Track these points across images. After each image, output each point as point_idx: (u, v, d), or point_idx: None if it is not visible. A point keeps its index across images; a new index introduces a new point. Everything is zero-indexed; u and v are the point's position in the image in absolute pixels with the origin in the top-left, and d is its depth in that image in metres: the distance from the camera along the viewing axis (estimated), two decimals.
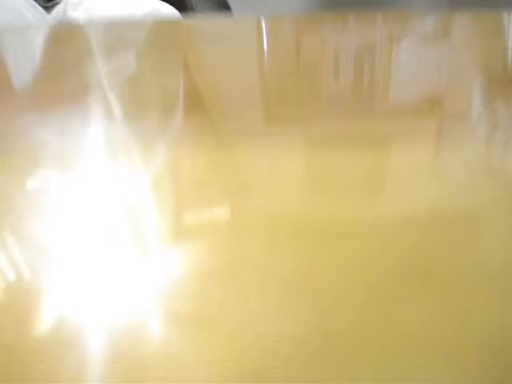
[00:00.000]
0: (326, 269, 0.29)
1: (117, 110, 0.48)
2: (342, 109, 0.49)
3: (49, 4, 0.96)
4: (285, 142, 0.43)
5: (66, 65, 0.59)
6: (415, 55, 0.62)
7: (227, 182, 0.38)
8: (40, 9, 0.94)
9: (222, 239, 0.32)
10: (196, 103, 0.52)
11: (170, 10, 0.90)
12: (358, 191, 0.37)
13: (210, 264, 0.30)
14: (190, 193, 0.38)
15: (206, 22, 0.76)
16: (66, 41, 0.69)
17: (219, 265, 0.30)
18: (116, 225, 0.34)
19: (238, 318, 0.26)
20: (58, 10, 0.95)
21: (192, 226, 0.34)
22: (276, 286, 0.28)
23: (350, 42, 0.67)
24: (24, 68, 0.60)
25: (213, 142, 0.43)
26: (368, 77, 0.58)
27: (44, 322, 0.27)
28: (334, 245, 0.31)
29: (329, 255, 0.30)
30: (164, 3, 0.92)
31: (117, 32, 0.70)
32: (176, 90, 0.54)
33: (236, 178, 0.39)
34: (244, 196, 0.37)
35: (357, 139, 0.43)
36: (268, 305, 0.27)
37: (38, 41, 0.70)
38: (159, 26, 0.80)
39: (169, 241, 0.33)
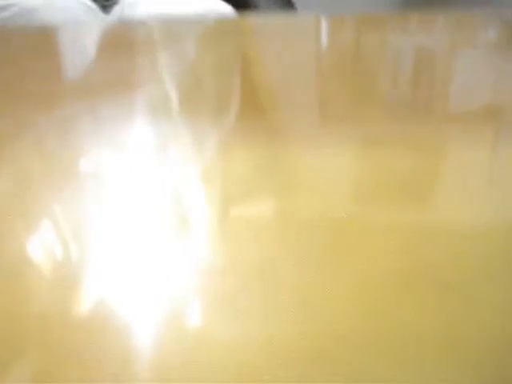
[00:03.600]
0: (368, 271, 0.29)
1: (173, 104, 0.50)
2: (398, 111, 0.48)
3: (107, 3, 0.96)
4: (338, 143, 0.43)
5: (123, 61, 0.60)
6: (481, 60, 0.60)
7: (276, 180, 0.39)
8: (95, 9, 0.94)
9: (263, 236, 0.33)
10: (252, 100, 0.52)
11: (227, 9, 0.88)
12: (408, 196, 0.36)
13: (250, 259, 0.30)
14: (237, 188, 0.38)
15: (264, 20, 0.76)
16: (123, 38, 0.70)
17: (259, 261, 0.30)
18: (163, 216, 0.35)
19: (275, 317, 0.26)
20: (115, 10, 0.94)
21: (235, 221, 0.35)
22: (311, 285, 0.28)
23: (411, 44, 0.66)
24: (83, 63, 0.61)
25: (266, 139, 0.44)
26: (427, 80, 0.56)
27: (89, 307, 0.28)
28: (377, 248, 0.31)
29: (371, 257, 0.30)
30: (223, 2, 0.91)
31: (174, 29, 0.71)
32: (232, 87, 0.55)
33: (285, 176, 0.39)
34: (291, 194, 0.37)
35: (411, 143, 0.42)
36: (306, 304, 0.27)
37: (95, 37, 0.70)
38: (217, 23, 0.80)
39: (212, 234, 0.34)
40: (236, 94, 0.54)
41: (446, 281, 0.28)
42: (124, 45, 0.65)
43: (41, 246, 0.33)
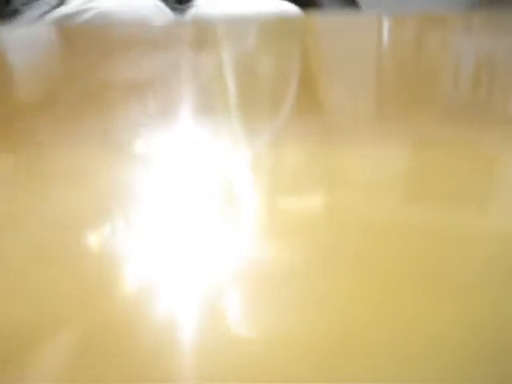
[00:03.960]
0: (413, 274, 0.29)
1: (230, 98, 0.50)
2: (456, 114, 0.47)
3: (180, 7, 0.99)
4: (391, 144, 0.42)
5: (187, 58, 0.61)
6: None
7: (326, 177, 0.39)
8: (169, 13, 0.97)
9: (307, 233, 0.33)
10: (309, 97, 0.52)
11: (293, 9, 0.90)
12: (458, 200, 0.36)
13: (295, 257, 0.30)
14: (287, 182, 0.38)
15: (326, 19, 0.76)
16: (192, 36, 0.71)
17: (304, 258, 0.30)
18: (213, 206, 0.35)
19: (323, 316, 0.26)
20: (188, 14, 0.98)
21: (282, 215, 0.35)
22: (353, 283, 0.28)
23: (473, 44, 0.65)
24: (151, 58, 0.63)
25: (319, 137, 0.44)
26: (488, 82, 0.56)
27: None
28: (423, 250, 0.30)
29: (416, 260, 0.30)
30: (288, 2, 0.93)
31: (238, 28, 0.72)
32: (290, 83, 0.55)
33: (334, 174, 0.39)
34: (339, 192, 0.37)
35: (468, 147, 0.42)
36: (356, 300, 0.27)
37: (162, 35, 0.72)
38: (280, 21, 0.81)
39: (259, 228, 0.34)
40: (293, 90, 0.54)
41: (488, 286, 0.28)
42: (189, 43, 0.67)
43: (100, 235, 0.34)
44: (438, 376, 0.23)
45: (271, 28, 0.73)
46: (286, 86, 0.55)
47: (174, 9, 0.98)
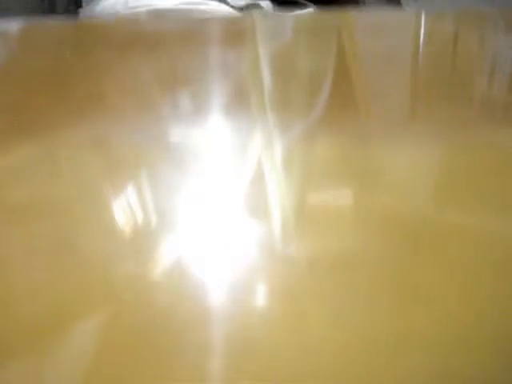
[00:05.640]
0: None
1: (265, 92, 0.51)
2: (491, 115, 0.48)
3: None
4: (424, 144, 0.42)
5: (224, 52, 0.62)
6: None
7: (356, 175, 0.39)
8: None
9: (336, 230, 0.33)
10: (345, 93, 0.52)
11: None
12: (493, 203, 0.36)
13: (324, 253, 0.31)
14: (316, 180, 0.39)
15: (364, 15, 0.77)
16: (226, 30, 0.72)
17: (333, 254, 0.31)
18: (245, 201, 0.37)
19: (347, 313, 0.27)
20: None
21: (309, 212, 0.36)
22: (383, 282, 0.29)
23: (509, 43, 0.65)
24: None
25: (353, 134, 0.44)
26: None
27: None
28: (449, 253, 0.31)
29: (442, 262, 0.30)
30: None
31: (275, 23, 0.72)
32: (326, 79, 0.55)
33: (366, 172, 0.40)
34: (369, 190, 0.37)
35: (502, 148, 0.42)
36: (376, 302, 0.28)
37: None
38: (319, 16, 0.81)
39: (287, 225, 0.34)
40: (328, 86, 0.53)
41: None
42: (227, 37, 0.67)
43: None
44: None
45: (307, 23, 0.73)
46: (319, 82, 0.55)
47: None
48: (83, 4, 1.10)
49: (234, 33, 0.69)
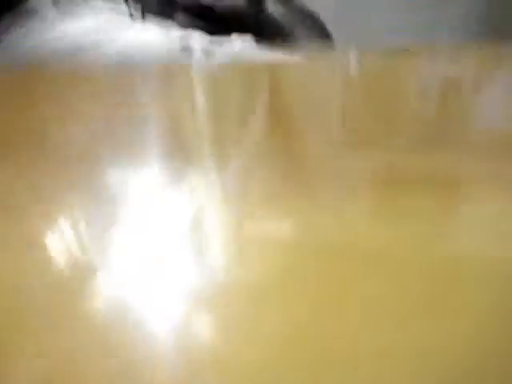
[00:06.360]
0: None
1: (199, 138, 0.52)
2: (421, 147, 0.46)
3: None
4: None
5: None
6: None
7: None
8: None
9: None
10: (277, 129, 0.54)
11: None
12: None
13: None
14: (257, 209, 0.40)
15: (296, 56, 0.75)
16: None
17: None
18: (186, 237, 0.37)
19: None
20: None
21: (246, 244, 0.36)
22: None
23: (440, 76, 0.64)
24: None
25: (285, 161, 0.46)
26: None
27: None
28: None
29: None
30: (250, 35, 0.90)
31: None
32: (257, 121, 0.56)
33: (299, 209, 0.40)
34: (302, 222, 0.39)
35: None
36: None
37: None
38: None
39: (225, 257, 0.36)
40: (258, 127, 0.54)
41: None
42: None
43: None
44: None
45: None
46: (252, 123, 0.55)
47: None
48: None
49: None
